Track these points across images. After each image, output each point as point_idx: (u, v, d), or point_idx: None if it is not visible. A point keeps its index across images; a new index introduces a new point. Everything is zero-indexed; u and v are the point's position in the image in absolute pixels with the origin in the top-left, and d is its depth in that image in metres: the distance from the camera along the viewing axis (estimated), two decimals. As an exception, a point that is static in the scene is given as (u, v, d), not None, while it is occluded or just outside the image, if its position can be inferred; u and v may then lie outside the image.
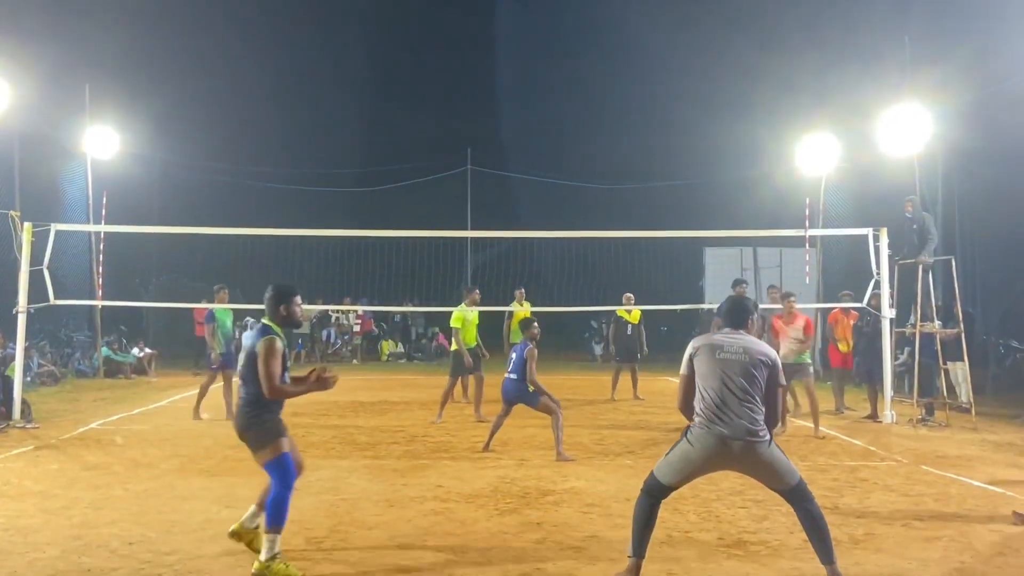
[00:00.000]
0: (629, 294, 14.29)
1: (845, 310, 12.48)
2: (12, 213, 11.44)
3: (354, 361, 21.95)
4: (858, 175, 17.04)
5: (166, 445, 9.11)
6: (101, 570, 4.87)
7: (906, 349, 13.69)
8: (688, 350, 4.81)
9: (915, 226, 12.06)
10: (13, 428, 10.03)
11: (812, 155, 16.67)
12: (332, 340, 22.92)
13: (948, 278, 12.52)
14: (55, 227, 11.36)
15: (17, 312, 10.83)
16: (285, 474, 4.90)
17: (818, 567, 4.63)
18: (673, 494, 4.82)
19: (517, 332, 12.91)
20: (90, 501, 6.49)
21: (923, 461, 8.54)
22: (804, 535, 4.71)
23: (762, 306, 12.20)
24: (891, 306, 11.81)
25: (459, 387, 13.42)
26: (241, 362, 5.08)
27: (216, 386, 11.62)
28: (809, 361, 10.61)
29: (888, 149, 13.44)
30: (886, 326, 11.63)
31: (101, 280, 16.00)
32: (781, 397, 10.09)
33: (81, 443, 9.25)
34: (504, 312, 14.38)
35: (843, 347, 12.49)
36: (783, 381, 4.80)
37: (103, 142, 17.26)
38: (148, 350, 18.38)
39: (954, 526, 5.97)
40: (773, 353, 4.77)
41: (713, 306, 21.77)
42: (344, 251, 20.89)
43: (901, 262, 12.18)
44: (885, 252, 11.76)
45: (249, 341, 5.06)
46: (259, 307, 12.00)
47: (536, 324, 9.18)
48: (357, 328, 22.83)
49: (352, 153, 29.14)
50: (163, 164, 23.81)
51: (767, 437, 4.59)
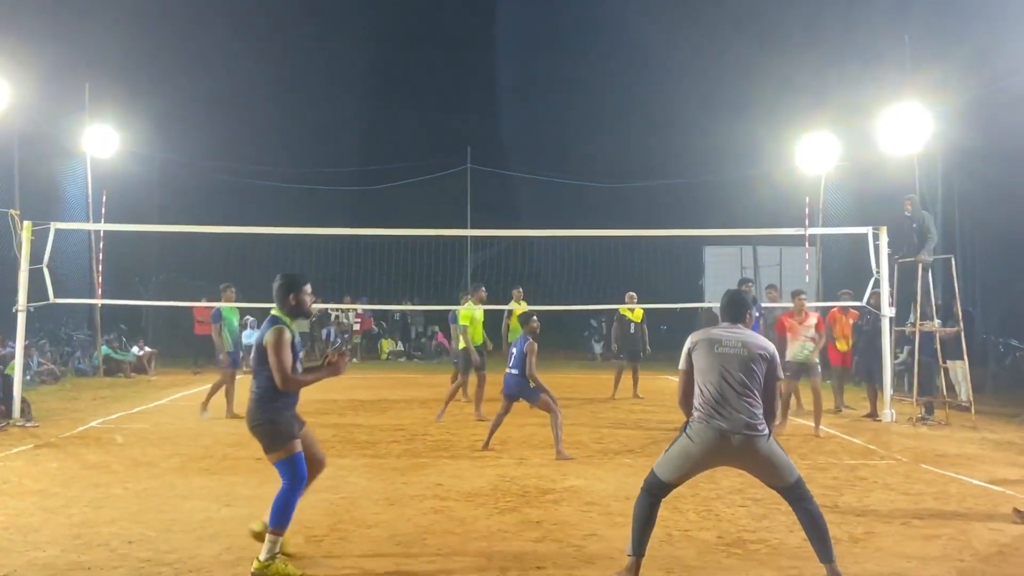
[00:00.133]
0: (632, 293, 14.31)
1: (844, 309, 12.49)
2: (12, 212, 11.44)
3: (354, 360, 21.92)
4: (858, 174, 17.05)
5: (166, 444, 9.11)
6: (101, 569, 4.87)
7: (906, 348, 13.68)
8: (686, 345, 4.80)
9: (915, 225, 12.06)
10: (13, 427, 10.04)
11: (812, 154, 16.69)
12: (332, 339, 22.92)
13: (948, 277, 12.53)
14: (55, 226, 11.37)
15: (17, 311, 10.84)
16: (295, 475, 4.84)
17: (818, 566, 4.63)
18: (673, 492, 4.82)
19: (516, 331, 12.91)
20: (90, 500, 6.49)
21: (923, 460, 8.54)
22: (803, 534, 4.71)
23: (764, 306, 12.22)
24: (891, 305, 11.81)
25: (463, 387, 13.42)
26: (253, 357, 5.02)
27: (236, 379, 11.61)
28: (818, 360, 10.51)
29: (888, 148, 13.46)
30: (886, 325, 11.63)
31: (101, 279, 16.00)
32: (789, 393, 10.12)
33: (81, 442, 9.26)
34: (503, 311, 14.36)
35: (842, 346, 12.51)
36: (781, 375, 4.79)
37: (103, 141, 17.27)
38: (148, 349, 18.39)
39: (954, 524, 5.97)
40: (771, 347, 4.76)
41: (713, 305, 21.81)
42: (344, 250, 20.89)
43: (901, 261, 12.18)
44: (885, 251, 11.77)
45: (258, 334, 5.00)
46: (260, 306, 12.16)
47: (535, 318, 9.21)
48: (357, 327, 22.85)
49: (352, 152, 29.13)
50: (163, 163, 23.79)
51: (766, 431, 4.59)
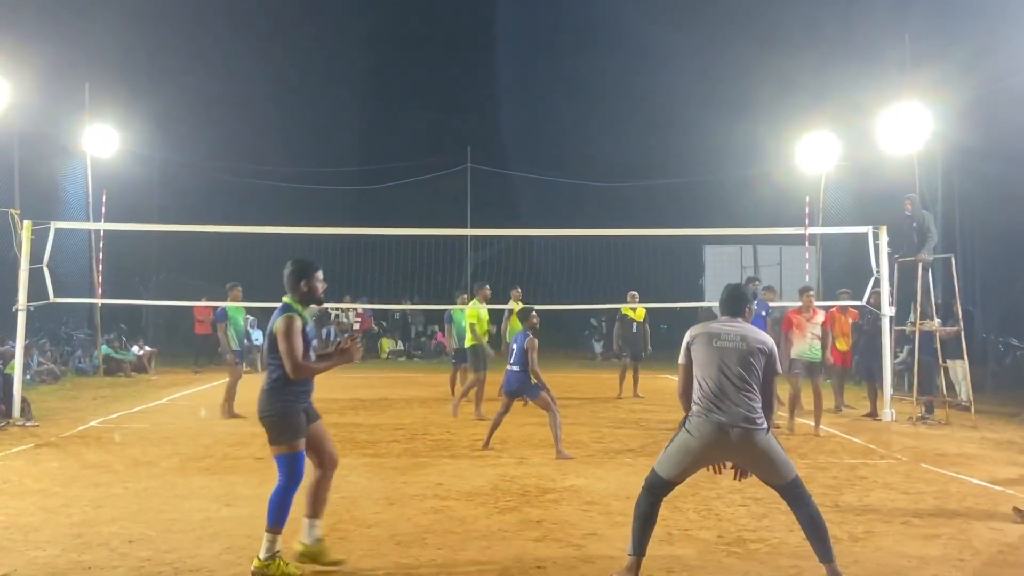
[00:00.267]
0: (634, 292, 14.31)
1: (842, 308, 12.48)
2: (12, 211, 11.45)
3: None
4: (858, 173, 17.06)
5: (166, 443, 9.11)
6: (101, 568, 4.87)
7: (906, 347, 13.69)
8: (685, 339, 4.82)
9: (915, 224, 12.06)
10: (13, 426, 10.04)
11: (812, 153, 16.69)
12: (332, 338, 22.92)
13: (948, 276, 12.53)
14: (55, 225, 11.37)
15: (17, 310, 10.84)
16: (293, 473, 4.83)
17: (818, 565, 4.62)
18: (673, 492, 4.82)
19: (515, 330, 12.91)
20: (90, 499, 6.49)
21: (923, 459, 8.54)
22: (803, 533, 4.70)
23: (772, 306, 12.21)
24: (891, 304, 11.81)
25: (459, 385, 13.42)
26: (265, 347, 4.97)
27: (224, 382, 11.60)
28: (821, 359, 10.45)
29: (888, 147, 13.45)
30: (886, 324, 11.63)
31: (101, 278, 16.02)
32: (797, 393, 10.07)
33: (81, 441, 9.26)
34: (503, 311, 14.37)
35: (841, 345, 12.49)
36: (780, 369, 4.79)
37: (103, 140, 17.28)
38: (148, 348, 18.40)
39: (954, 524, 5.97)
40: (770, 341, 4.76)
41: (713, 304, 21.84)
42: (344, 249, 20.87)
43: (901, 260, 12.18)
44: (885, 250, 11.77)
45: (269, 323, 4.95)
46: (260, 305, 12.15)
47: (535, 313, 9.21)
48: (357, 326, 22.85)
49: (352, 151, 29.10)
50: (163, 162, 23.80)
51: (764, 425, 4.60)
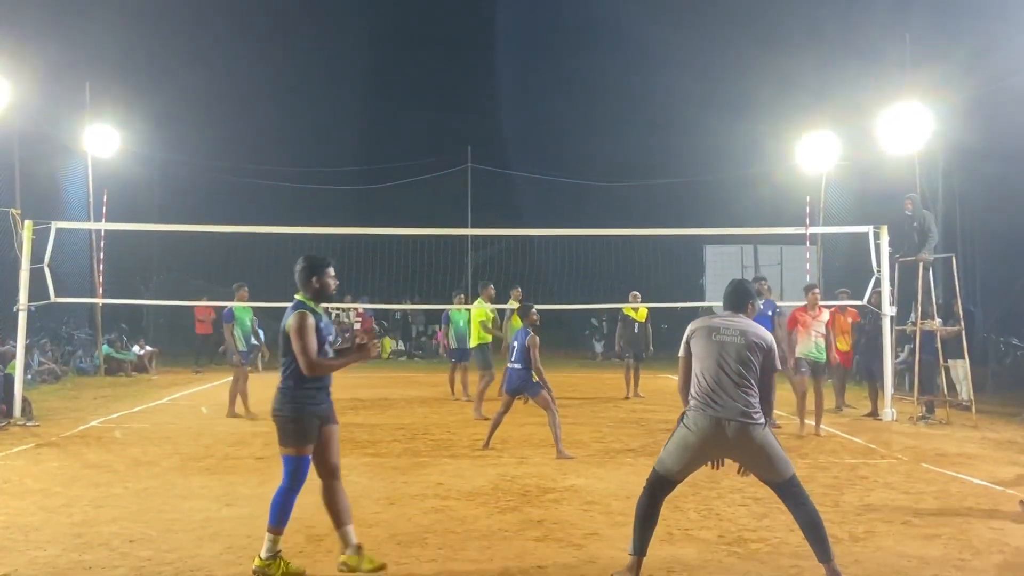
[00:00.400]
0: (636, 292, 14.25)
1: (841, 308, 12.46)
2: (13, 211, 11.45)
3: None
4: (858, 173, 17.05)
5: (167, 443, 9.11)
6: (102, 568, 4.87)
7: (906, 347, 13.68)
8: (686, 332, 4.86)
9: (915, 224, 12.05)
10: (14, 426, 10.04)
11: (813, 153, 16.68)
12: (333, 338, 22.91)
13: (949, 276, 12.52)
14: (55, 225, 11.37)
15: (18, 310, 10.84)
16: (296, 476, 4.77)
17: (818, 565, 4.61)
18: (674, 492, 4.82)
19: (515, 328, 12.92)
20: (91, 499, 6.49)
21: (923, 459, 8.54)
22: (802, 533, 4.70)
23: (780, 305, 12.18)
24: (891, 304, 11.80)
25: (459, 384, 13.44)
26: (280, 346, 4.90)
27: (226, 381, 11.61)
28: (826, 359, 10.36)
29: (889, 147, 13.44)
30: (886, 324, 11.63)
31: (101, 278, 16.02)
32: (803, 393, 10.02)
33: (82, 441, 9.26)
34: (504, 310, 14.37)
35: (842, 345, 12.46)
36: (779, 366, 4.76)
37: (103, 140, 17.27)
38: (149, 348, 18.41)
39: (954, 524, 5.97)
40: (769, 337, 4.74)
41: (714, 304, 21.82)
42: (344, 249, 20.84)
43: (902, 260, 12.17)
44: (886, 250, 11.76)
45: (282, 321, 4.89)
46: (261, 305, 12.16)
47: (535, 310, 9.18)
48: (357, 326, 22.82)
49: (352, 151, 29.10)
50: (163, 162, 23.83)
51: (762, 421, 4.60)
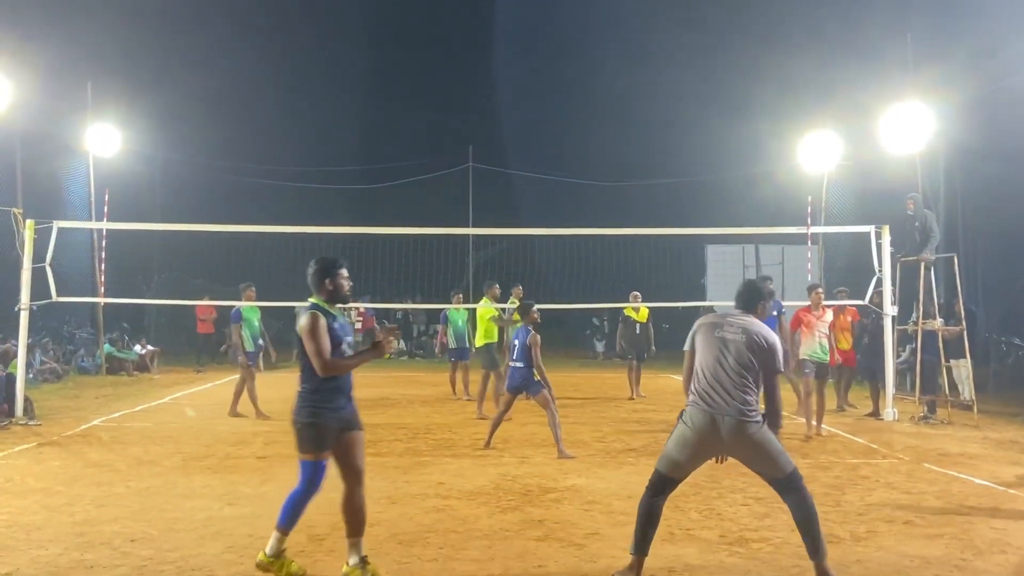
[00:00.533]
0: (636, 292, 14.14)
1: (841, 307, 12.41)
2: (14, 210, 11.45)
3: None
4: (860, 172, 17.03)
5: (168, 442, 9.12)
6: (103, 567, 4.87)
7: (908, 347, 13.66)
8: (693, 327, 4.92)
9: (917, 224, 12.03)
10: (16, 425, 10.06)
11: (814, 152, 16.66)
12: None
13: (950, 275, 12.51)
14: (57, 224, 11.37)
15: (20, 309, 10.85)
16: (312, 481, 4.72)
17: (820, 566, 4.63)
18: (675, 491, 4.83)
19: (516, 327, 12.93)
20: (92, 498, 6.50)
21: (925, 459, 8.53)
22: (797, 529, 4.70)
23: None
24: (893, 304, 11.79)
25: (460, 383, 13.43)
26: (297, 350, 4.87)
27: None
28: (828, 360, 10.33)
29: (890, 146, 13.43)
30: (888, 324, 11.62)
31: (103, 277, 16.03)
32: (808, 394, 9.99)
33: (83, 440, 9.27)
34: (507, 309, 14.37)
35: (843, 344, 12.42)
36: (780, 367, 4.73)
37: (105, 139, 17.28)
38: (150, 347, 18.41)
39: (956, 524, 5.96)
40: (773, 338, 4.71)
41: (715, 304, 21.81)
42: (345, 248, 20.78)
43: (903, 260, 12.15)
44: (887, 249, 11.75)
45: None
46: (265, 304, 12.16)
47: (535, 307, 9.15)
48: (359, 325, 22.81)
49: (354, 150, 29.13)
50: (165, 161, 23.86)
51: (757, 418, 4.59)
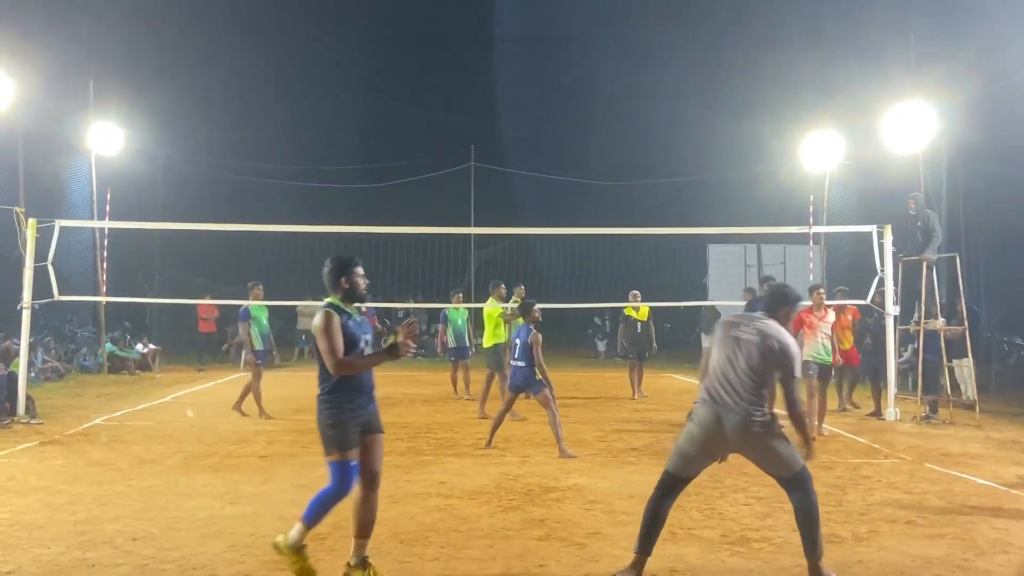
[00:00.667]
0: (635, 291, 14.06)
1: (840, 307, 12.37)
2: (16, 209, 11.46)
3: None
4: (862, 172, 17.01)
5: (170, 441, 9.13)
6: (105, 566, 4.88)
7: (910, 347, 13.64)
8: (716, 325, 4.96)
9: (919, 223, 12.00)
10: (17, 424, 10.06)
11: (816, 152, 16.65)
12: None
13: (952, 275, 12.47)
14: (59, 223, 11.38)
15: (22, 308, 10.86)
16: (341, 482, 4.68)
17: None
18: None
19: (517, 326, 12.92)
20: (94, 497, 6.50)
21: (927, 459, 8.52)
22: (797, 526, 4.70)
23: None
24: (895, 303, 11.77)
25: (461, 383, 13.43)
26: (314, 351, 4.80)
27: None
28: (831, 360, 10.31)
29: (892, 146, 13.41)
30: (890, 323, 11.60)
31: (105, 276, 16.04)
32: (812, 395, 9.95)
33: (85, 439, 9.28)
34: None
35: (845, 344, 12.39)
36: (797, 372, 4.65)
37: (107, 138, 17.27)
38: (152, 346, 18.42)
39: (958, 523, 5.96)
40: (788, 342, 4.64)
41: (717, 303, 21.82)
42: (347, 247, 20.86)
43: (905, 259, 12.13)
44: (889, 249, 11.73)
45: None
46: (268, 303, 12.17)
47: (536, 306, 9.12)
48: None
49: (355, 149, 29.14)
50: (167, 160, 23.88)
51: (764, 418, 4.57)
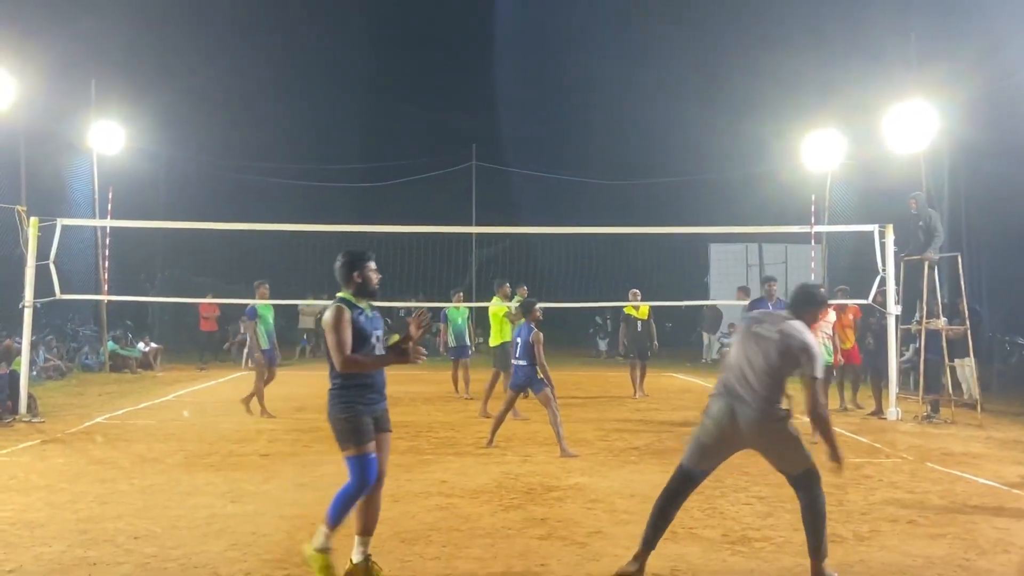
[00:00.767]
0: (635, 290, 14.01)
1: (841, 306, 12.35)
2: (18, 208, 11.47)
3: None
4: (864, 171, 16.99)
5: (171, 440, 9.13)
6: (106, 564, 4.88)
7: (911, 346, 13.63)
8: (740, 321, 4.98)
9: (921, 223, 11.99)
10: (19, 422, 10.07)
11: (818, 151, 16.62)
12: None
13: (954, 275, 12.46)
14: (61, 222, 11.39)
15: (23, 306, 10.87)
16: (361, 477, 4.58)
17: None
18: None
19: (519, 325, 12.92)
20: (96, 495, 6.51)
21: (928, 458, 8.51)
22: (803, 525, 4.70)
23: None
24: (897, 303, 11.77)
25: (461, 382, 13.43)
26: (324, 346, 4.78)
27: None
28: (832, 361, 10.29)
29: (894, 145, 13.40)
30: (891, 323, 11.60)
31: (107, 275, 16.03)
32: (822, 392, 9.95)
33: (87, 437, 9.29)
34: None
35: (846, 343, 12.38)
36: (818, 373, 4.60)
37: (109, 137, 17.27)
38: (153, 345, 18.44)
39: (959, 523, 5.96)
40: (808, 342, 4.59)
41: (718, 303, 21.78)
42: (348, 246, 20.79)
43: (907, 259, 12.12)
44: (891, 248, 11.72)
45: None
46: (263, 303, 12.17)
47: (538, 305, 9.11)
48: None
49: (357, 149, 29.17)
50: (168, 159, 23.91)
51: (778, 414, 4.58)
